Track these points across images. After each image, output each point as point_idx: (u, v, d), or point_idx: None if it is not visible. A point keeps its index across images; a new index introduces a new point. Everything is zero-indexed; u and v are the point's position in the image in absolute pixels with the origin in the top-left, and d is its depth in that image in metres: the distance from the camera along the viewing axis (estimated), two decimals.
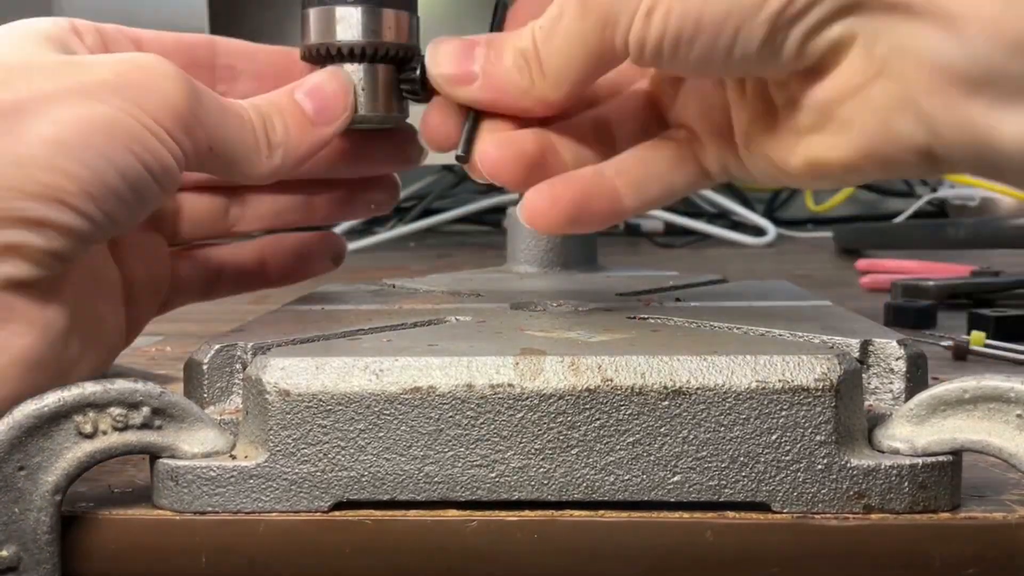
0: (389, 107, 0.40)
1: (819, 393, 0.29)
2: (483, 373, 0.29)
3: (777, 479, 0.29)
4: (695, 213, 1.27)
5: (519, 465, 0.29)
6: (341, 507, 0.29)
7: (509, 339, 0.33)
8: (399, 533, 0.29)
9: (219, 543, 0.29)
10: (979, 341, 0.52)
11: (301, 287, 0.48)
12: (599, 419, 0.29)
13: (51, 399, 0.28)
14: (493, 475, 0.29)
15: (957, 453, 0.29)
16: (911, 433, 0.29)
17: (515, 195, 0.59)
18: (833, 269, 0.94)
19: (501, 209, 1.22)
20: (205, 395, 0.33)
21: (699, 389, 0.29)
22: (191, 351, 0.34)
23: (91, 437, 0.29)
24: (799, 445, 0.29)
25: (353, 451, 0.29)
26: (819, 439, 0.29)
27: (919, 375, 0.32)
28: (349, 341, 0.34)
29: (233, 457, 0.30)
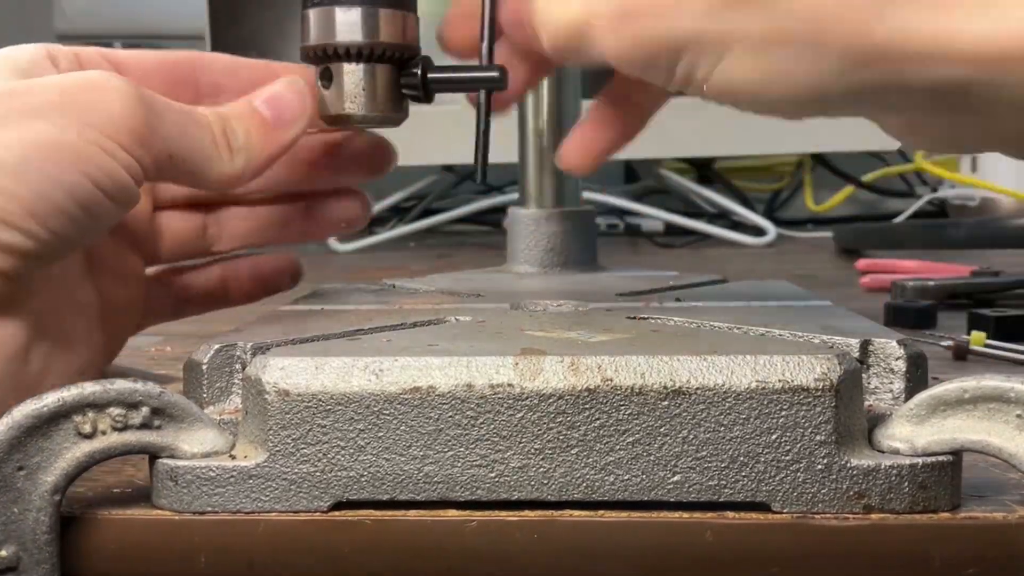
0: (389, 107, 0.40)
1: (819, 393, 0.29)
2: (483, 373, 0.29)
3: (777, 479, 0.29)
4: (695, 213, 1.27)
5: (519, 465, 0.29)
6: (340, 507, 0.29)
7: (509, 339, 0.33)
8: (399, 533, 0.29)
9: (218, 543, 0.29)
10: (979, 341, 0.51)
11: (300, 288, 0.48)
12: (599, 419, 0.29)
13: (50, 399, 0.28)
14: (493, 475, 0.29)
15: (957, 453, 0.29)
16: (911, 433, 0.29)
17: (515, 195, 0.59)
18: (833, 269, 0.94)
19: (501, 209, 1.21)
20: (205, 395, 0.33)
21: (699, 389, 0.29)
22: (191, 351, 0.34)
23: (90, 437, 0.29)
24: (799, 445, 0.29)
25: (353, 451, 0.29)
26: (819, 439, 0.29)
27: (919, 375, 0.32)
28: (349, 341, 0.34)
29: (232, 457, 0.30)
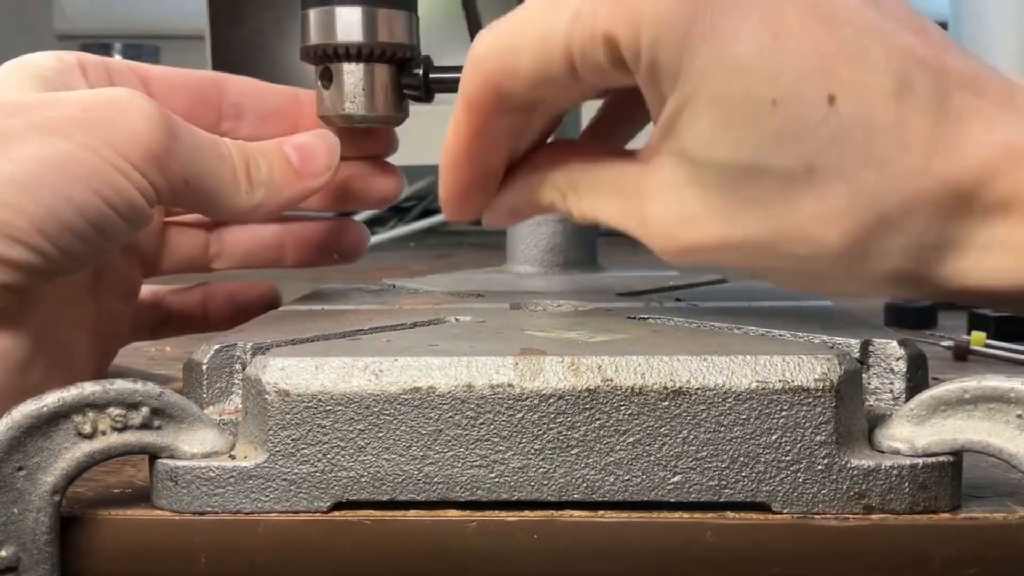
0: (389, 107, 0.40)
1: (819, 393, 0.28)
2: (483, 373, 0.29)
3: (777, 479, 0.29)
4: None
5: (519, 465, 0.29)
6: (340, 507, 0.29)
7: (509, 339, 0.33)
8: (399, 533, 0.29)
9: (218, 543, 0.29)
10: (979, 341, 0.52)
11: (300, 288, 0.48)
12: (599, 419, 0.29)
13: (50, 399, 0.28)
14: (493, 475, 0.29)
15: (957, 453, 0.29)
16: (911, 433, 0.29)
17: None
18: None
19: None
20: (204, 395, 0.33)
21: (699, 389, 0.29)
22: (191, 351, 0.34)
23: (90, 437, 0.29)
24: (799, 445, 0.29)
25: (353, 451, 0.29)
26: (819, 439, 0.29)
27: (919, 375, 0.32)
28: (349, 341, 0.34)
29: (232, 457, 0.30)
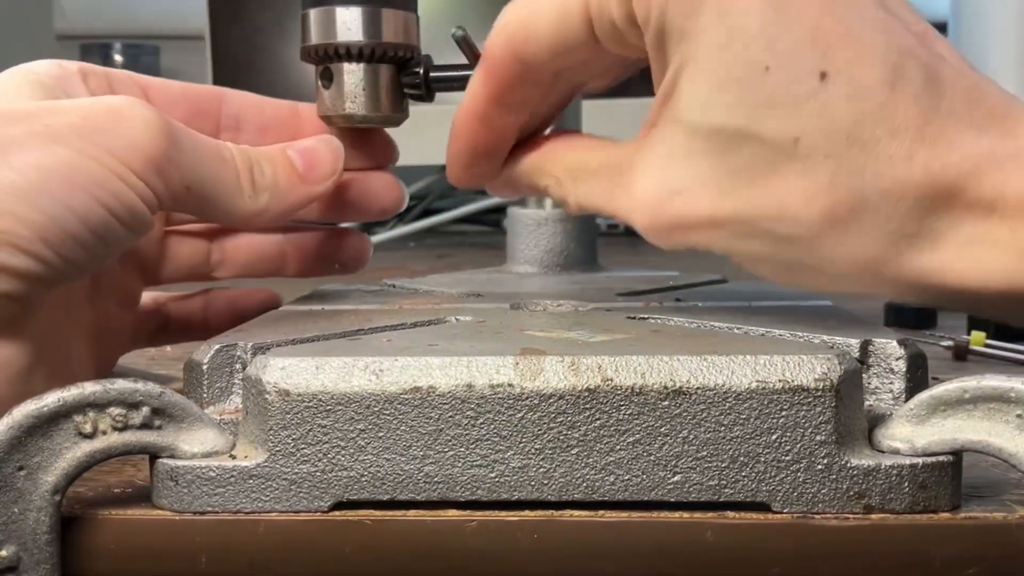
0: (390, 107, 0.40)
1: (819, 393, 0.29)
2: (483, 373, 0.29)
3: (777, 479, 0.29)
4: None
5: (519, 465, 0.29)
6: (341, 507, 0.29)
7: (509, 339, 0.33)
8: (399, 533, 0.29)
9: (219, 543, 0.29)
10: (979, 341, 0.51)
11: (300, 288, 0.48)
12: (599, 419, 0.29)
13: (51, 399, 0.28)
14: (493, 475, 0.29)
15: (957, 453, 0.29)
16: (911, 433, 0.29)
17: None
18: None
19: (501, 209, 1.21)
20: (205, 395, 0.33)
21: (699, 389, 0.29)
22: (191, 351, 0.34)
23: (91, 437, 0.29)
24: (799, 445, 0.29)
25: (353, 451, 0.29)
26: (819, 439, 0.29)
27: (919, 375, 0.32)
28: (349, 341, 0.34)
29: (233, 457, 0.30)
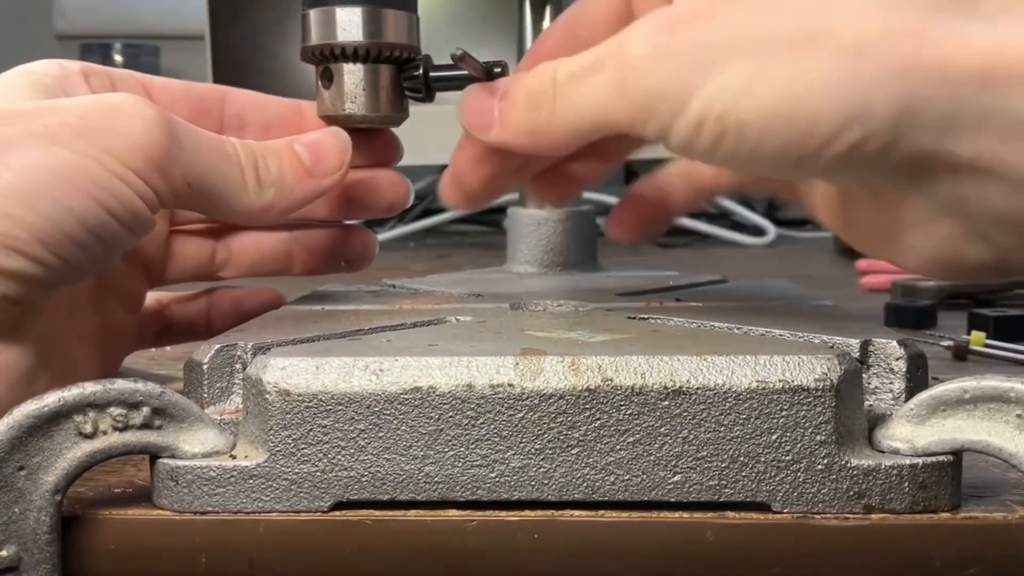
0: (390, 107, 0.40)
1: (819, 393, 0.29)
2: (483, 373, 0.29)
3: (777, 479, 0.29)
4: (695, 213, 1.27)
5: (519, 465, 0.29)
6: (341, 507, 0.29)
7: (509, 339, 0.33)
8: (399, 533, 0.29)
9: (219, 543, 0.29)
10: (979, 341, 0.52)
11: (300, 288, 0.48)
12: (599, 419, 0.29)
13: (51, 399, 0.28)
14: (493, 475, 0.29)
15: (957, 453, 0.29)
16: (911, 433, 0.29)
17: (515, 195, 0.59)
18: (833, 269, 0.94)
19: (501, 209, 1.21)
20: (205, 395, 0.33)
21: (699, 389, 0.29)
22: (191, 351, 0.34)
23: (91, 437, 0.29)
24: (799, 445, 0.29)
25: (353, 451, 0.29)
26: (819, 439, 0.29)
27: (919, 375, 0.32)
28: (349, 341, 0.34)
29: (233, 457, 0.30)
